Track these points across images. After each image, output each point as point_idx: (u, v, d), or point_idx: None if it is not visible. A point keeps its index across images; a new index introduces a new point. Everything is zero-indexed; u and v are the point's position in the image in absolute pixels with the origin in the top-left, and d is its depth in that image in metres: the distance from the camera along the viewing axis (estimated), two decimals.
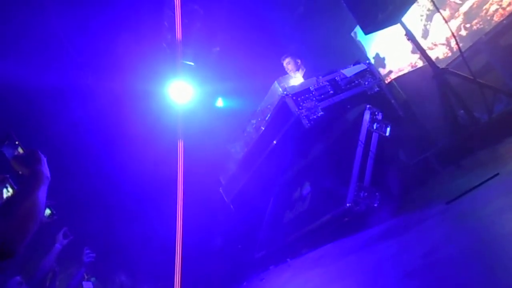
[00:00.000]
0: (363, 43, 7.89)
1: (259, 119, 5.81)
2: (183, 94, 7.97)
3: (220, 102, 9.13)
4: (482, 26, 5.60)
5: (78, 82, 7.30)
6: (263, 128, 5.65)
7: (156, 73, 7.89)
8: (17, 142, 1.95)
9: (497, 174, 2.59)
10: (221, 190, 7.55)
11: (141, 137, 7.85)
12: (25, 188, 1.65)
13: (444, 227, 2.18)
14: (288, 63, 6.37)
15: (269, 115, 5.45)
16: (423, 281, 1.51)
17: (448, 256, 1.67)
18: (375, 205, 4.35)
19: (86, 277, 5.15)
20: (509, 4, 5.14)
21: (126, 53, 7.41)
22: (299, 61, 6.36)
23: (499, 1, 5.25)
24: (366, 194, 4.37)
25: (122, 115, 7.67)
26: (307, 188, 5.47)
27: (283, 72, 6.45)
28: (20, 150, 1.95)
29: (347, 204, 4.27)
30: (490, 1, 5.38)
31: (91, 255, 4.90)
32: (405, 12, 4.61)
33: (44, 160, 1.86)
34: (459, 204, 2.41)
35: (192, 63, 8.01)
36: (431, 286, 1.44)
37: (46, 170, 1.84)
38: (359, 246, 3.17)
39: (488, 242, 1.56)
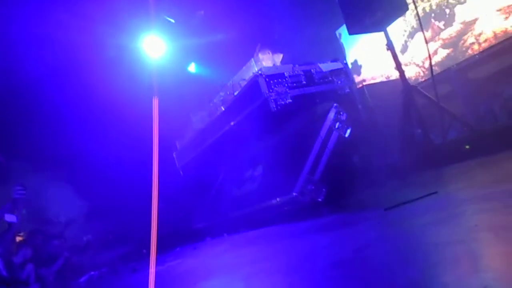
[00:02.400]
0: (345, 45, 7.98)
1: (228, 92, 5.76)
2: (156, 48, 7.71)
3: (192, 67, 8.92)
4: (457, 55, 5.84)
5: (39, 31, 6.63)
6: (230, 103, 5.60)
7: (129, 24, 7.49)
8: None
9: (435, 192, 2.75)
10: (174, 155, 7.46)
11: (111, 90, 7.44)
12: None
13: (377, 230, 2.29)
14: (262, 59, 6.23)
15: (238, 91, 5.40)
16: (348, 271, 1.58)
17: (375, 254, 1.77)
18: (320, 199, 4.49)
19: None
20: (485, 41, 5.38)
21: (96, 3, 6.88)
22: (269, 52, 6.24)
23: (478, 36, 5.48)
24: (313, 187, 4.49)
25: (93, 66, 7.22)
26: (259, 170, 5.53)
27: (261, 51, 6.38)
28: None
29: (294, 193, 4.38)
30: (469, 34, 5.61)
31: (20, 192, 4.69)
32: (391, 22, 4.70)
33: None
34: (395, 212, 2.54)
35: (173, 20, 7.73)
36: (354, 277, 1.51)
37: None
38: (296, 233, 3.27)
39: (412, 248, 1.66)
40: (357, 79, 7.62)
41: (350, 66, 7.56)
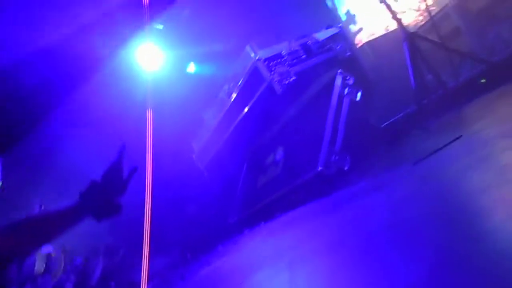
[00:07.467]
0: (335, 2, 7.72)
1: (232, 84, 5.73)
2: (153, 60, 7.69)
3: (191, 67, 8.88)
4: None
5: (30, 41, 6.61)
6: (236, 94, 5.59)
7: (122, 35, 7.43)
8: None
9: (460, 136, 2.69)
10: (194, 157, 7.52)
11: (106, 108, 7.44)
12: None
13: (409, 188, 2.26)
14: None
15: (241, 80, 5.38)
16: (387, 239, 1.58)
17: (410, 215, 1.75)
18: (346, 168, 4.47)
19: None
20: None
21: (85, 9, 6.81)
22: None
23: None
24: (337, 157, 4.47)
25: (83, 82, 7.21)
26: (280, 153, 5.52)
27: (256, 35, 6.30)
28: None
29: (319, 168, 4.37)
30: None
31: None
32: None
33: None
34: (424, 165, 2.50)
35: (161, 26, 7.68)
36: (393, 244, 1.50)
37: None
38: (328, 209, 3.27)
39: (448, 201, 1.63)
40: (354, 29, 7.30)
41: (344, 17, 7.28)
